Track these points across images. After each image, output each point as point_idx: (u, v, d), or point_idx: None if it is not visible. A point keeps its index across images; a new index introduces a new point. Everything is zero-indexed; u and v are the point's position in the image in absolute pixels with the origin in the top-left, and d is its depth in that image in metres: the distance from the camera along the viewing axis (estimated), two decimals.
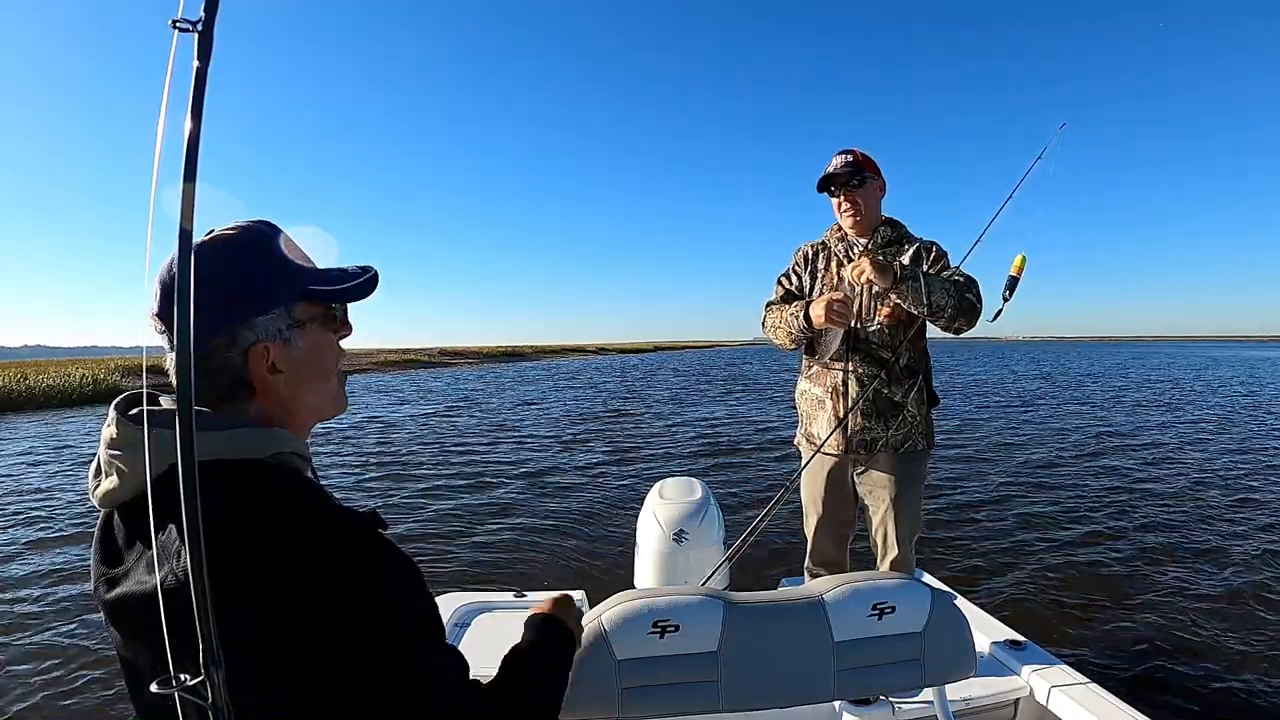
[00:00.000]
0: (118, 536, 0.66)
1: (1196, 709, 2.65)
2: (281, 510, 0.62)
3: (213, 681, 0.50)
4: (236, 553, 0.57)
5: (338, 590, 0.59)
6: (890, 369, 1.96)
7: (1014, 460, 7.74)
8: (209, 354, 0.64)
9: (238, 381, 0.67)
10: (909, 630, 1.12)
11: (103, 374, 20.24)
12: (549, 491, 6.49)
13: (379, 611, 0.61)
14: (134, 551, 0.64)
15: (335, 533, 0.62)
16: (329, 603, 0.59)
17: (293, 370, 0.69)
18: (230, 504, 0.59)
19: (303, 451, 0.69)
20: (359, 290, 0.73)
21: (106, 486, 0.64)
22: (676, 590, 1.11)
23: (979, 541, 4.74)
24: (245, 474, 0.63)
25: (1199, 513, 5.43)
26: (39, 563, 4.60)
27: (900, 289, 1.84)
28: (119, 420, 0.63)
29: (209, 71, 0.55)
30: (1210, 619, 3.43)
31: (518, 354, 61.09)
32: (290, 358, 0.68)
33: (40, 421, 13.75)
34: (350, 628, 0.59)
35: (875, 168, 2.03)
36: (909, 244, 2.05)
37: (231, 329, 0.65)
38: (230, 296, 0.65)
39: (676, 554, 2.07)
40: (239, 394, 0.67)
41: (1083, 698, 1.66)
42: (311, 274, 0.72)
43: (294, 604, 0.58)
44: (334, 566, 0.60)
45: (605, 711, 1.04)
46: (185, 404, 0.52)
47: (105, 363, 24.36)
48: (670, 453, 8.66)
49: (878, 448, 1.99)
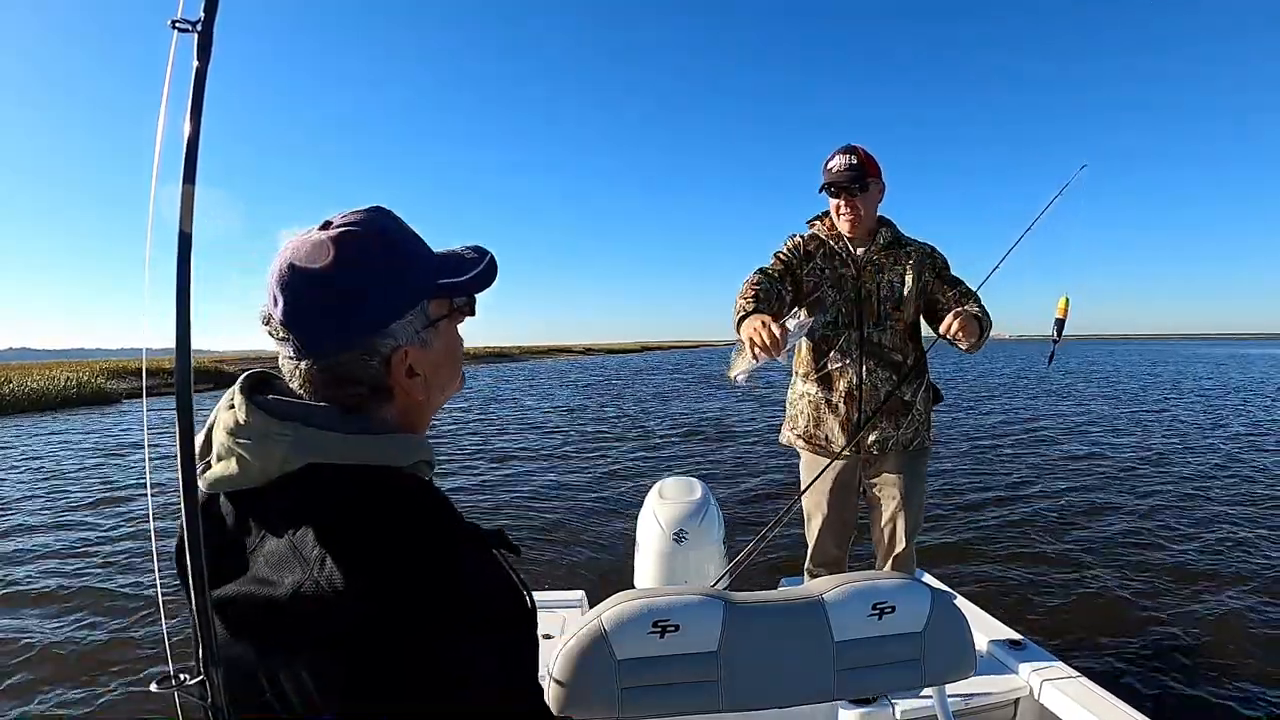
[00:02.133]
0: (227, 524, 0.61)
1: (1196, 709, 2.65)
2: (433, 533, 0.58)
3: (212, 681, 0.50)
4: (385, 568, 0.53)
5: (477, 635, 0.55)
6: (900, 371, 1.99)
7: (1013, 460, 7.73)
8: (344, 363, 0.61)
9: (377, 389, 0.63)
10: (909, 630, 1.12)
11: (88, 377, 19.95)
12: (548, 491, 6.49)
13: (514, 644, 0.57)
14: (246, 546, 0.58)
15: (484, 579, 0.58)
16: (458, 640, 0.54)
17: (431, 371, 0.66)
18: (385, 517, 0.56)
19: (431, 457, 0.67)
20: (485, 279, 0.69)
21: (222, 471, 0.58)
22: (676, 590, 1.11)
23: (979, 541, 4.74)
24: (393, 483, 0.60)
25: (1199, 512, 5.42)
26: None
27: (979, 341, 1.85)
28: (249, 406, 0.58)
29: (209, 71, 0.55)
30: (1210, 619, 3.43)
31: (504, 355, 61.13)
32: (428, 360, 0.65)
33: (14, 426, 13.44)
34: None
35: (877, 169, 1.99)
36: (906, 247, 2.04)
37: (369, 339, 0.61)
38: (367, 305, 0.61)
39: (676, 554, 2.06)
40: (378, 400, 0.64)
41: (1082, 697, 1.67)
42: (437, 265, 0.67)
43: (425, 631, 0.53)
44: (481, 608, 0.56)
45: (605, 711, 1.04)
46: (185, 399, 0.52)
47: (91, 365, 24.19)
48: (669, 452, 8.67)
49: (889, 446, 2.00)
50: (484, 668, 0.54)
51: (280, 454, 0.57)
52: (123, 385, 20.52)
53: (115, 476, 7.68)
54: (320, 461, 0.57)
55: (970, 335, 1.79)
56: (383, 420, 0.64)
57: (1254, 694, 2.74)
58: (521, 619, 0.58)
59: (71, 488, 7.09)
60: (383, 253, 0.62)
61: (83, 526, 5.53)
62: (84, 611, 3.70)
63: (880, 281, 2.00)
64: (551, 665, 1.04)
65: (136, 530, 5.33)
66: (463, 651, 0.53)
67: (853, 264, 2.01)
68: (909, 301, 2.00)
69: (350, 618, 0.51)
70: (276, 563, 0.55)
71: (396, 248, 0.64)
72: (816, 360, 2.05)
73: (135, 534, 5.24)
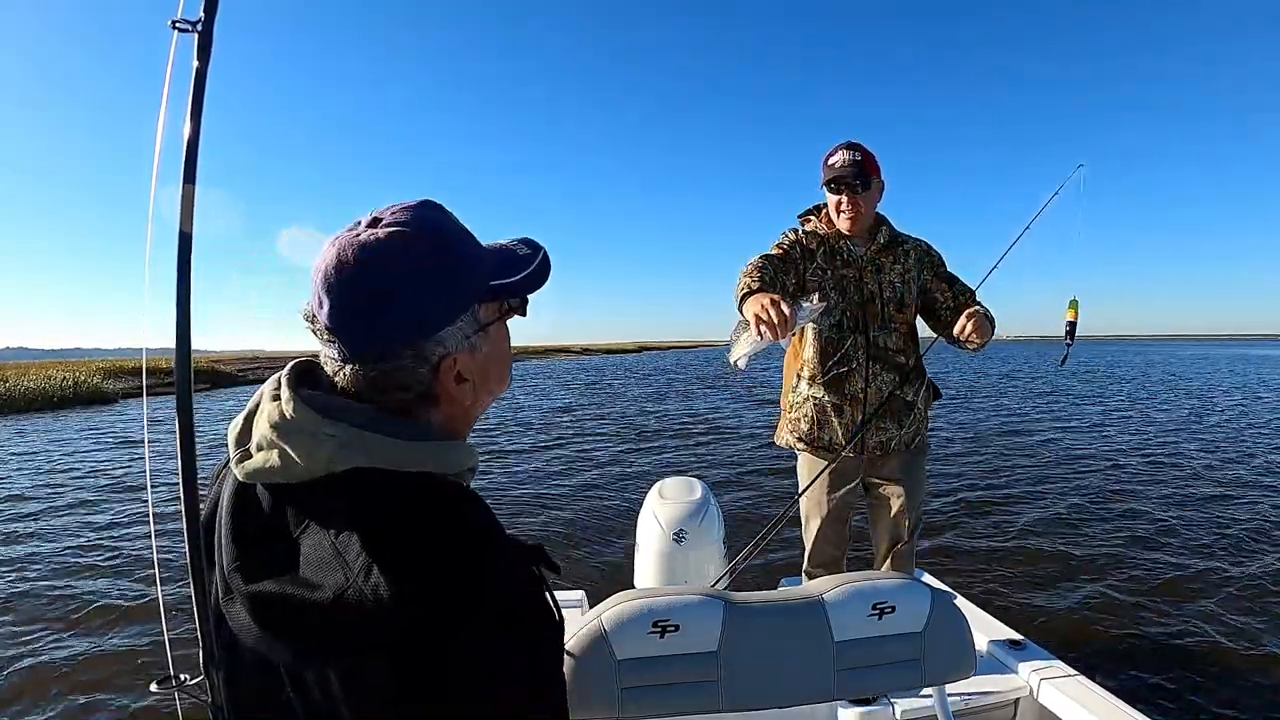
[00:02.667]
0: (252, 516, 0.59)
1: (1196, 708, 2.65)
2: (480, 549, 0.56)
3: (212, 681, 0.50)
4: (430, 578, 0.52)
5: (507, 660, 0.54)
6: (904, 372, 1.99)
7: (1014, 460, 7.73)
8: (391, 370, 0.59)
9: (424, 395, 0.61)
10: (909, 630, 1.12)
11: (84, 377, 19.92)
12: (548, 491, 6.49)
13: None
14: (278, 544, 0.57)
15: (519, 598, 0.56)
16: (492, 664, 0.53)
17: (480, 376, 0.64)
18: (434, 525, 0.55)
19: (476, 464, 0.65)
20: (539, 279, 0.66)
21: (262, 463, 0.56)
22: (676, 590, 1.11)
23: (978, 541, 4.74)
24: (442, 490, 0.59)
25: (1199, 513, 5.42)
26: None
27: (986, 341, 1.84)
28: (296, 401, 0.56)
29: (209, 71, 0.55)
30: (1210, 619, 3.43)
31: None
32: (477, 365, 0.63)
33: (10, 426, 13.44)
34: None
35: (877, 167, 1.97)
36: (904, 245, 2.04)
37: (419, 345, 0.59)
38: (416, 310, 0.58)
39: (676, 554, 2.06)
40: (425, 405, 0.62)
41: (1082, 697, 1.67)
42: (490, 265, 0.64)
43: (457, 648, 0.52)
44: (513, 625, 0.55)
45: (605, 711, 1.04)
46: (185, 399, 0.52)
47: (88, 365, 24.14)
48: (669, 452, 8.66)
49: (892, 446, 2.01)
50: (515, 666, 0.53)
51: (326, 454, 0.55)
52: (120, 385, 20.46)
53: (113, 476, 7.68)
54: (366, 465, 0.56)
55: (984, 335, 1.79)
56: (428, 425, 0.62)
57: (1254, 693, 2.74)
58: (549, 623, 0.57)
59: (67, 487, 7.09)
60: (433, 253, 0.59)
61: (80, 526, 5.53)
62: (84, 612, 3.70)
63: (882, 282, 1.99)
64: None
65: (136, 530, 5.33)
66: (495, 648, 0.52)
67: (854, 265, 2.00)
68: (911, 303, 2.01)
69: (396, 624, 0.50)
70: (318, 565, 0.53)
71: (448, 248, 0.61)
72: (823, 364, 2.02)
73: (134, 534, 5.24)
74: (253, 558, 0.56)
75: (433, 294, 0.58)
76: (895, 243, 2.04)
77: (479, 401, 0.66)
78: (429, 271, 0.58)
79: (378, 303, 0.57)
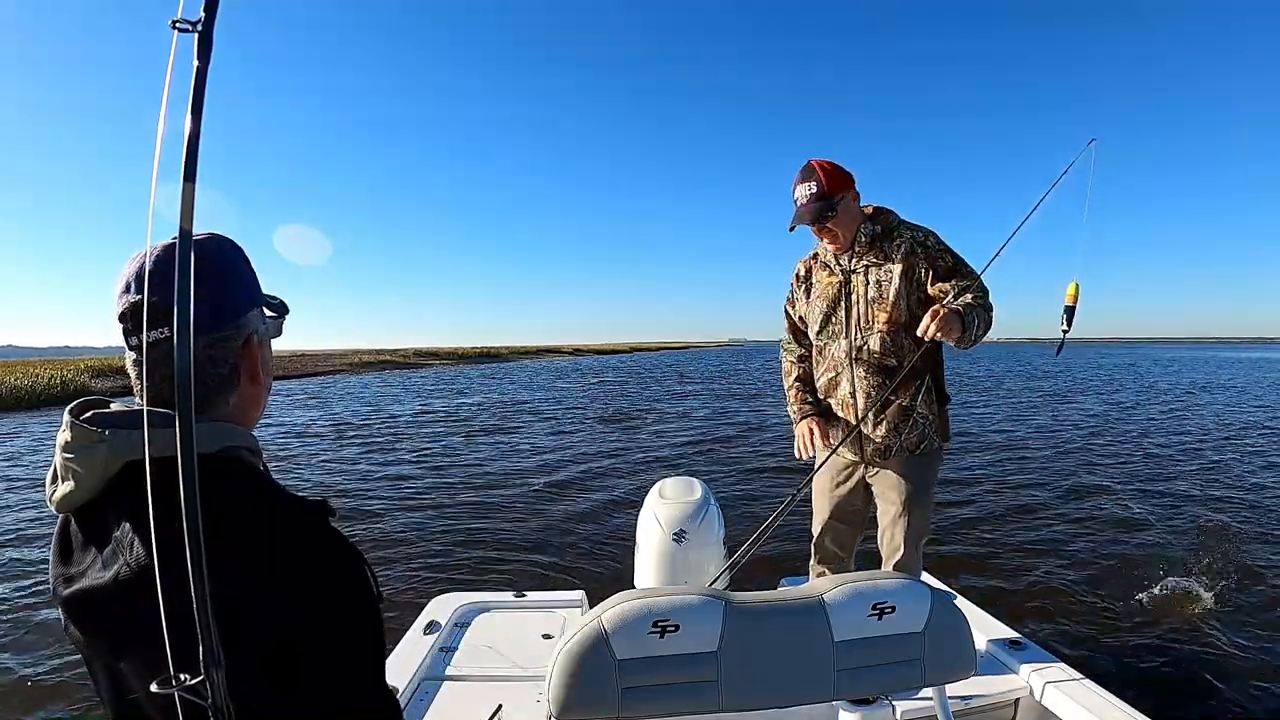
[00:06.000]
0: (74, 540, 0.66)
1: (1196, 708, 2.65)
2: (277, 504, 0.64)
3: (212, 681, 0.50)
4: (234, 546, 0.58)
5: (338, 585, 0.63)
6: (896, 375, 1.91)
7: (1014, 460, 7.74)
8: (215, 343, 0.66)
9: (232, 372, 0.68)
10: (909, 630, 1.12)
11: (71, 375, 19.81)
12: (548, 491, 6.49)
13: (373, 606, 0.65)
14: (89, 552, 0.64)
15: (320, 531, 0.65)
16: (332, 598, 0.62)
17: (266, 367, 0.73)
18: (230, 497, 0.60)
19: (256, 447, 0.71)
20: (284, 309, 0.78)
21: (63, 491, 0.63)
22: (676, 590, 1.11)
23: (979, 541, 4.74)
24: (231, 468, 0.65)
25: (1200, 514, 5.43)
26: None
27: (966, 336, 1.74)
28: (73, 424, 0.62)
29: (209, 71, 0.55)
30: (1210, 619, 3.43)
31: (495, 355, 61.09)
32: (265, 354, 0.73)
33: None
34: (352, 624, 0.64)
35: (841, 182, 1.88)
36: (896, 239, 1.93)
37: (238, 320, 0.68)
38: (236, 287, 0.68)
39: (676, 554, 2.06)
40: (228, 388, 0.69)
41: (1082, 697, 1.67)
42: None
43: (296, 599, 0.60)
44: (332, 562, 0.64)
45: (605, 711, 1.04)
46: (185, 402, 0.52)
47: (75, 363, 24.10)
48: (669, 452, 8.66)
49: (892, 453, 1.97)
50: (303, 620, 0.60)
51: (100, 460, 0.61)
52: (109, 383, 20.23)
53: None
54: (134, 459, 0.60)
55: (950, 334, 1.70)
56: (227, 413, 0.69)
57: (1254, 694, 2.74)
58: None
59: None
60: (237, 251, 0.70)
61: None
62: None
63: (868, 282, 1.93)
64: (552, 665, 1.04)
65: None
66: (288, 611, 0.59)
67: (840, 272, 2.00)
68: (890, 301, 1.90)
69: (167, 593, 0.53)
70: (106, 560, 0.61)
71: (242, 252, 0.71)
72: (816, 371, 2.09)
73: None
74: (70, 574, 0.65)
75: (241, 278, 0.70)
76: (885, 237, 1.94)
77: (259, 394, 0.74)
78: (240, 263, 0.71)
79: (204, 283, 0.63)
